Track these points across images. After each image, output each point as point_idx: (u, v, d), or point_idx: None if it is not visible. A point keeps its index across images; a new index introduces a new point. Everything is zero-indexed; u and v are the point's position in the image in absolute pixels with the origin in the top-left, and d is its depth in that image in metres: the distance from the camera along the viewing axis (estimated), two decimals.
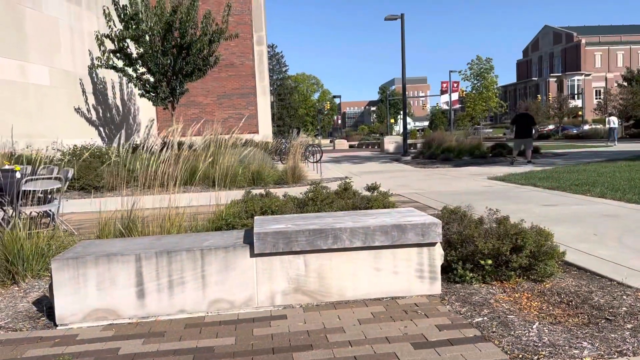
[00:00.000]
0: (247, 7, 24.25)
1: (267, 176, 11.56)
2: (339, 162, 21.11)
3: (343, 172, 14.96)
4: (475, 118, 47.92)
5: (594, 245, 4.84)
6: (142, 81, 16.00)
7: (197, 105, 24.18)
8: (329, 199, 5.58)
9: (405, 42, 22.10)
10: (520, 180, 10.76)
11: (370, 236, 3.58)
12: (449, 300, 3.55)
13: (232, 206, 5.27)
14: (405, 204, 7.77)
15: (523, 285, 3.78)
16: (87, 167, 10.74)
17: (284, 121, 72.14)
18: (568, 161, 16.06)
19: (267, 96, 25.17)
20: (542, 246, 3.87)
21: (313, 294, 3.60)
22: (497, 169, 14.07)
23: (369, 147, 43.60)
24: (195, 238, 3.87)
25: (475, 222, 4.25)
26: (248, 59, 24.49)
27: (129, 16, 15.11)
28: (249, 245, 3.53)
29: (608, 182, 9.59)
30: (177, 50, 15.63)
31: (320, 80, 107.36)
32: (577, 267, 4.18)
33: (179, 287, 3.47)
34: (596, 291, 3.59)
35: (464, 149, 19.11)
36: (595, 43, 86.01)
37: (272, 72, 74.79)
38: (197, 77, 16.40)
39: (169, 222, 4.51)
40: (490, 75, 42.33)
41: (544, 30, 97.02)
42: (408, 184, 11.25)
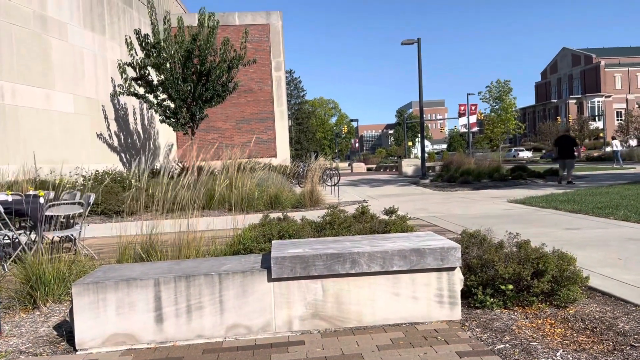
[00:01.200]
0: (265, 34, 24.71)
1: (285, 200, 11.60)
2: (357, 185, 21.09)
3: (361, 196, 14.93)
4: (494, 140, 47.61)
5: (619, 269, 4.72)
6: (163, 107, 16.32)
7: (216, 130, 24.52)
8: (346, 222, 5.57)
9: (422, 65, 22.23)
10: (541, 203, 10.61)
11: (389, 261, 3.55)
12: (470, 326, 3.49)
13: (250, 230, 5.28)
14: (424, 228, 7.71)
15: (546, 311, 3.70)
16: (108, 192, 10.91)
17: (301, 145, 72.58)
18: (590, 183, 15.80)
19: (285, 120, 25.42)
20: (564, 271, 3.79)
21: (331, 320, 3.57)
22: (517, 192, 13.90)
23: (387, 170, 43.52)
24: (214, 262, 3.89)
25: (495, 246, 4.19)
26: (266, 85, 24.85)
27: (150, 44, 15.52)
28: (267, 270, 3.53)
29: (632, 204, 9.40)
30: (197, 76, 15.95)
31: (338, 104, 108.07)
32: (601, 293, 4.09)
33: (197, 311, 3.47)
34: (621, 317, 3.50)
35: (483, 171, 18.93)
36: (614, 64, 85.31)
37: (290, 96, 75.65)
38: (217, 102, 16.69)
39: (187, 246, 4.54)
40: (508, 97, 42.17)
41: (563, 53, 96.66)
42: (426, 208, 11.17)
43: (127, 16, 19.73)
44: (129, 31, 18.45)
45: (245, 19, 24.61)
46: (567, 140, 17.13)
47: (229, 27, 23.96)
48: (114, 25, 18.50)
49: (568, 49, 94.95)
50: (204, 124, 21.17)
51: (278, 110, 25.10)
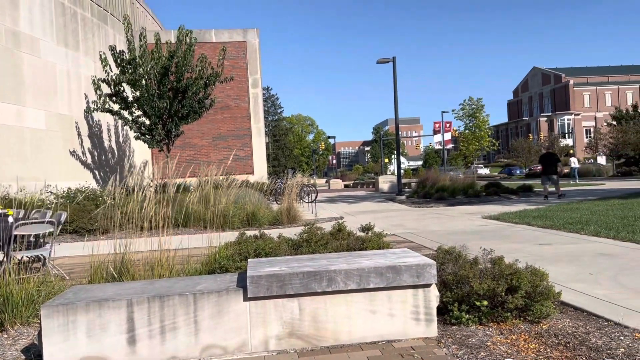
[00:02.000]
0: (242, 51, 24.78)
1: (262, 217, 11.54)
2: (334, 201, 21.12)
3: (338, 212, 14.95)
4: (469, 157, 48.40)
5: (590, 284, 4.81)
6: (138, 124, 16.16)
7: (192, 147, 24.34)
8: (323, 240, 5.56)
9: (397, 83, 22.54)
10: (515, 219, 10.78)
11: (365, 278, 3.55)
12: (446, 342, 3.50)
13: (225, 248, 5.23)
14: (400, 244, 7.75)
15: (520, 327, 3.74)
16: (80, 210, 10.70)
17: (279, 161, 72.53)
18: (561, 200, 16.13)
19: (262, 137, 25.40)
20: (537, 286, 3.85)
21: (308, 338, 3.54)
22: (491, 208, 14.11)
23: (364, 186, 43.73)
24: (188, 282, 3.83)
25: (470, 263, 4.23)
26: (243, 101, 24.84)
27: (126, 61, 15.40)
28: (243, 289, 3.49)
29: (601, 220, 9.62)
30: (173, 93, 15.87)
31: (315, 121, 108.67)
32: (573, 308, 4.15)
33: (171, 332, 3.40)
34: (593, 332, 3.55)
35: (458, 188, 19.18)
36: (583, 83, 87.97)
37: (267, 113, 75.75)
38: (193, 119, 16.60)
39: (161, 266, 4.47)
40: (481, 114, 43.07)
41: (533, 72, 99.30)
42: (403, 224, 11.24)
43: (102, 32, 19.57)
44: (103, 47, 18.29)
45: (222, 36, 24.67)
46: (550, 158, 17.78)
47: (206, 44, 23.97)
48: (88, 41, 18.32)
49: (538, 68, 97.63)
50: (179, 141, 21.00)
51: (255, 127, 25.08)
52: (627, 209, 11.33)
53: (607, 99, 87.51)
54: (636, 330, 3.50)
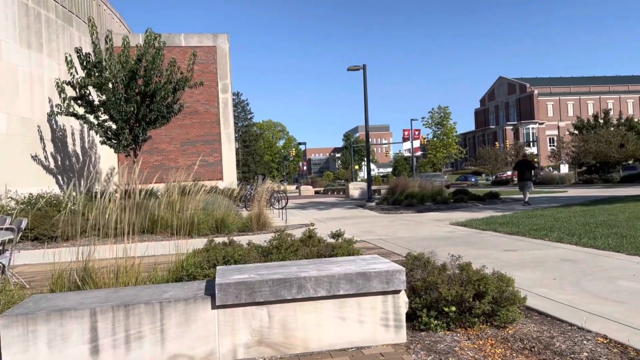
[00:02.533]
0: (212, 56, 24.58)
1: (231, 223, 11.42)
2: (305, 208, 21.09)
3: (308, 219, 14.93)
4: (437, 164, 49.12)
5: (554, 290, 4.92)
6: (104, 128, 15.81)
7: (160, 152, 23.96)
8: (293, 246, 5.53)
9: (367, 91, 22.75)
10: (482, 225, 10.97)
11: (335, 285, 3.54)
12: (415, 349, 3.51)
13: (193, 255, 5.14)
14: (370, 251, 7.77)
15: (487, 332, 3.79)
16: (42, 217, 10.38)
17: (249, 167, 72.05)
18: (526, 206, 16.51)
19: (232, 143, 25.20)
20: (503, 292, 3.91)
21: (277, 346, 3.50)
22: (459, 215, 14.32)
23: (334, 193, 43.86)
24: (155, 290, 3.75)
25: (438, 269, 4.27)
26: (213, 107, 24.61)
27: (91, 64, 15.06)
28: (211, 297, 3.43)
29: (564, 226, 9.87)
30: (141, 97, 15.59)
31: (286, 127, 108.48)
32: (538, 312, 4.23)
33: (137, 342, 3.32)
34: (557, 336, 3.63)
35: (427, 194, 19.43)
36: (547, 94, 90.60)
37: (237, 119, 75.24)
38: (161, 124, 16.34)
39: (126, 273, 4.36)
40: (448, 122, 43.84)
41: (499, 81, 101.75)
42: (372, 230, 11.30)
43: (67, 34, 19.11)
44: (69, 49, 17.86)
45: (191, 40, 24.42)
46: (525, 165, 18.55)
47: (175, 48, 23.68)
48: (52, 43, 17.86)
49: (504, 78, 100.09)
50: (147, 146, 20.64)
51: (225, 133, 24.87)
52: (589, 216, 11.67)
53: (569, 108, 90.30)
54: (598, 335, 3.59)
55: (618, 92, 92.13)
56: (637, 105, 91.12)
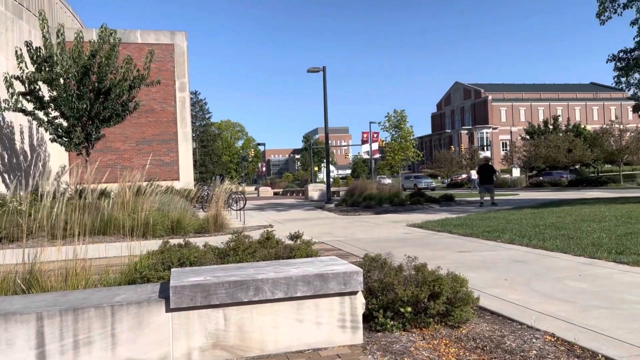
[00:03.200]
0: (169, 53, 24.10)
1: (188, 225, 11.21)
2: (263, 209, 20.96)
3: (267, 220, 14.84)
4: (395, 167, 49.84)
5: (506, 290, 5.07)
6: (54, 125, 15.24)
7: (114, 151, 23.29)
8: (251, 248, 5.48)
9: (327, 93, 22.85)
10: (437, 227, 11.19)
11: (293, 287, 3.53)
12: (371, 349, 3.54)
13: (148, 257, 5.01)
14: (328, 252, 7.79)
15: (441, 332, 3.86)
16: None
17: (206, 168, 71.04)
18: (480, 209, 16.96)
19: (189, 143, 24.76)
20: (458, 292, 3.99)
21: (233, 349, 3.46)
22: (416, 216, 14.57)
23: (294, 194, 43.80)
24: (106, 293, 3.63)
25: (395, 270, 4.32)
26: (170, 105, 24.13)
27: (42, 58, 14.50)
28: (165, 300, 3.35)
29: (516, 228, 10.19)
30: (95, 94, 15.11)
31: (245, 128, 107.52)
32: (490, 312, 4.35)
33: (86, 347, 3.20)
34: (508, 335, 3.73)
35: (385, 196, 19.68)
36: (500, 99, 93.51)
37: (195, 118, 74.09)
38: (115, 122, 15.88)
39: (76, 276, 4.20)
40: (405, 126, 44.57)
41: (455, 86, 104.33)
42: (331, 232, 11.34)
43: (17, 27, 18.33)
44: (18, 43, 17.13)
45: (148, 37, 23.87)
46: (487, 169, 19.32)
47: (131, 44, 23.09)
48: (0, 36, 17.08)
49: (460, 83, 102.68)
50: (100, 144, 20.01)
51: (182, 132, 24.42)
52: (539, 218, 12.10)
53: (521, 114, 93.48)
54: (547, 333, 3.72)
55: (566, 99, 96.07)
56: (584, 112, 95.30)
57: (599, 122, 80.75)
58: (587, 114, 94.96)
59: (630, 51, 19.75)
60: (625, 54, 19.94)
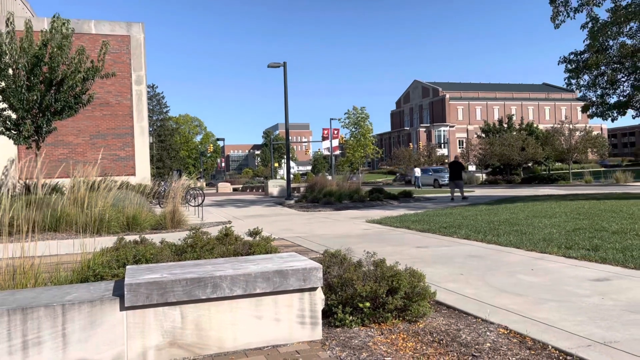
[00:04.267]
0: (125, 45, 23.44)
1: (144, 221, 10.96)
2: (223, 205, 20.72)
3: (226, 216, 14.68)
4: (355, 163, 50.24)
5: (461, 284, 5.19)
6: (2, 117, 14.57)
7: (66, 145, 22.49)
8: (209, 245, 5.40)
9: (287, 88, 22.74)
10: (396, 223, 11.34)
11: (252, 283, 3.50)
12: (330, 345, 3.55)
13: (101, 254, 4.87)
14: (288, 248, 7.78)
15: (399, 326, 3.91)
16: None
17: (164, 163, 69.60)
18: (437, 205, 17.31)
19: (145, 137, 24.19)
20: (415, 287, 4.06)
21: (190, 347, 3.40)
22: (375, 212, 14.73)
23: (254, 190, 43.50)
24: (57, 292, 3.50)
25: (354, 265, 4.35)
26: (125, 99, 23.49)
27: None
28: (119, 298, 3.26)
29: (471, 224, 10.45)
30: (46, 86, 14.52)
31: (204, 122, 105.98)
32: (447, 306, 4.44)
33: (35, 347, 3.08)
34: (464, 329, 3.82)
35: (344, 193, 19.80)
36: (457, 98, 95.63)
37: (152, 112, 72.44)
38: (68, 115, 15.30)
39: (24, 274, 4.03)
40: (365, 123, 44.96)
41: (414, 85, 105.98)
42: (291, 228, 11.32)
43: None
44: None
45: (103, 28, 23.13)
46: (456, 166, 20.24)
47: (84, 35, 22.32)
48: None
49: (419, 82, 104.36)
50: (52, 138, 19.28)
51: (138, 126, 23.81)
52: (493, 214, 12.44)
53: (477, 112, 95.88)
54: (500, 326, 3.83)
55: (520, 99, 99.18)
56: (536, 112, 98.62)
57: (550, 121, 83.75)
58: (539, 114, 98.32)
59: (580, 53, 20.53)
60: (575, 56, 20.71)
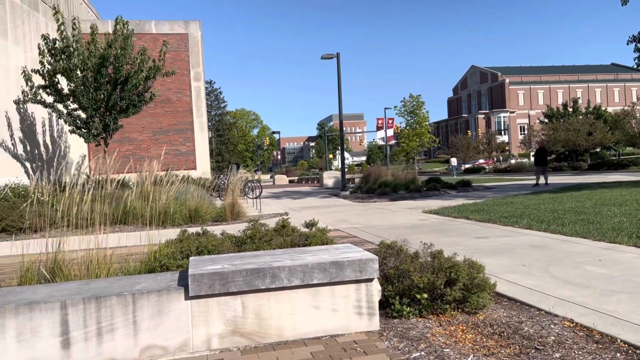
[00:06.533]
0: (183, 43, 24.17)
1: (205, 213, 11.33)
2: (279, 197, 21.06)
3: (282, 208, 14.92)
4: (410, 153, 49.56)
5: (523, 276, 5.05)
6: (73, 117, 15.44)
7: (131, 142, 23.54)
8: (267, 236, 5.53)
9: (341, 79, 22.72)
10: (454, 213, 11.14)
11: (309, 274, 3.56)
12: (387, 336, 3.57)
13: (166, 246, 5.10)
14: (344, 240, 7.83)
15: (458, 318, 3.87)
16: (9, 207, 10.12)
17: (222, 157, 71.38)
18: (497, 194, 16.83)
19: (205, 132, 24.91)
20: (474, 279, 3.99)
21: (251, 336, 3.52)
22: (432, 202, 14.51)
23: (309, 182, 43.88)
24: (127, 281, 3.71)
25: (411, 257, 4.33)
26: (185, 95, 24.26)
27: (58, 50, 14.66)
28: (184, 288, 3.42)
29: (534, 214, 10.10)
30: (111, 85, 15.26)
31: (260, 116, 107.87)
32: (507, 298, 4.34)
33: (109, 334, 3.28)
34: (526, 321, 3.73)
35: (400, 183, 19.60)
36: (518, 82, 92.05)
37: (211, 108, 74.33)
38: (132, 112, 16.03)
39: (97, 265, 4.29)
40: (421, 111, 44.15)
41: (472, 70, 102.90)
42: (346, 219, 11.36)
43: (33, 20, 18.52)
44: (34, 36, 17.33)
45: (162, 27, 23.94)
46: (542, 152, 21.44)
47: (146, 35, 23.19)
48: (17, 29, 17.28)
49: (476, 67, 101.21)
50: (118, 135, 20.22)
51: (197, 122, 24.55)
52: (557, 203, 11.97)
53: (539, 97, 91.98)
54: (565, 319, 3.71)
55: (586, 81, 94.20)
56: (604, 94, 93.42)
57: (620, 103, 79.18)
58: (607, 96, 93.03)
59: None
60: None
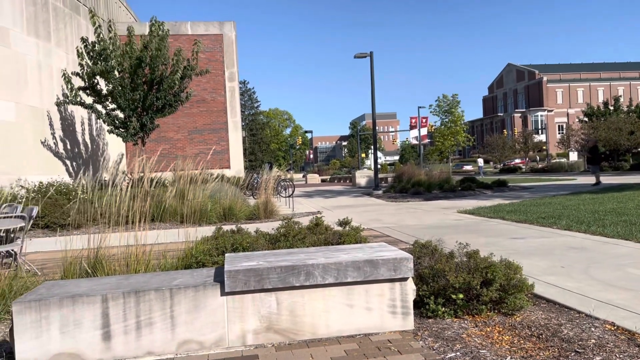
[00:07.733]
0: (218, 44, 24.51)
1: (239, 211, 11.47)
2: (311, 196, 21.13)
3: (315, 207, 14.96)
4: (444, 152, 48.96)
5: (562, 277, 4.92)
6: (111, 117, 15.87)
7: (167, 141, 24.03)
8: (301, 234, 5.56)
9: (374, 78, 22.62)
10: (489, 213, 10.95)
11: (343, 272, 3.57)
12: (422, 335, 3.54)
13: (202, 243, 5.19)
14: (377, 239, 7.79)
15: (494, 319, 3.81)
16: (52, 205, 10.47)
17: (256, 156, 72.07)
18: (534, 194, 16.45)
19: (238, 131, 25.21)
20: (511, 279, 3.92)
21: (285, 333, 3.54)
22: (467, 202, 14.29)
23: (341, 181, 43.85)
24: (164, 277, 3.79)
25: (446, 256, 4.28)
26: (220, 95, 24.61)
27: (96, 52, 15.09)
28: (220, 284, 3.47)
29: (573, 214, 9.83)
30: (148, 86, 15.61)
31: (292, 116, 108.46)
32: (546, 300, 4.24)
33: (147, 328, 3.37)
34: (565, 324, 3.64)
35: (434, 182, 19.39)
36: (556, 80, 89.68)
37: (244, 107, 75.14)
38: (168, 112, 16.36)
39: (136, 261, 4.40)
40: (457, 110, 43.56)
41: (508, 68, 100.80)
42: (379, 218, 11.31)
43: (74, 23, 19.11)
44: (75, 38, 17.89)
45: (197, 28, 24.35)
46: (595, 150, 21.53)
47: (181, 36, 23.63)
48: (59, 32, 17.87)
49: (513, 65, 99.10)
50: (154, 134, 20.70)
51: (231, 121, 24.88)
52: (598, 204, 11.61)
53: (579, 95, 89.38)
54: (606, 322, 3.60)
55: (628, 78, 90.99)
56: None
57: None
58: None
59: None
60: None
